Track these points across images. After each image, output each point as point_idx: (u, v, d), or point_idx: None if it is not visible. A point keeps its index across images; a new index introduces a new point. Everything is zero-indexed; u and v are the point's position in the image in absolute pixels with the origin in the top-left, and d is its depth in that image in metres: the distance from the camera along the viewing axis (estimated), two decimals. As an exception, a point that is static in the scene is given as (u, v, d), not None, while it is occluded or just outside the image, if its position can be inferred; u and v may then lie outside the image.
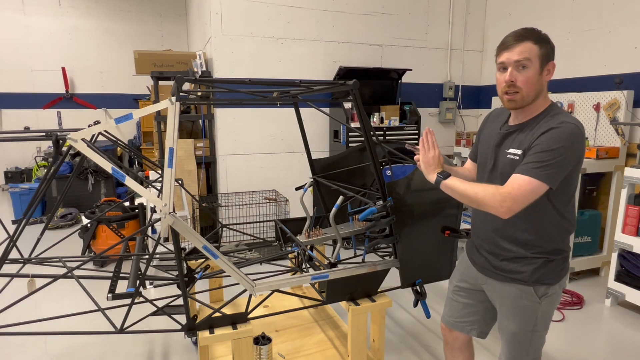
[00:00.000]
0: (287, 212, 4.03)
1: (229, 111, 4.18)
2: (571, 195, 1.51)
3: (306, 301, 2.15)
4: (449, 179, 1.52)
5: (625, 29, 3.60)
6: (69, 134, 1.66)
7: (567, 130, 1.36)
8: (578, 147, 1.39)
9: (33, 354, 2.57)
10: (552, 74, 1.46)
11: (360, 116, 1.88)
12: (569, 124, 1.37)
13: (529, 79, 1.41)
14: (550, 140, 1.35)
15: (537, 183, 1.35)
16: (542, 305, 1.54)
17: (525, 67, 1.41)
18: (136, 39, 7.71)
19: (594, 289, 3.48)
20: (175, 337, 2.74)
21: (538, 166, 1.35)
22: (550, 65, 1.44)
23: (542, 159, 1.35)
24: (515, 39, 1.43)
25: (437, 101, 5.09)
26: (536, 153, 1.37)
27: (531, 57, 1.40)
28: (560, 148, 1.34)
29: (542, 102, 1.48)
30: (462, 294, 1.80)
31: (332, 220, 2.00)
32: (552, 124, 1.39)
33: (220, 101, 3.47)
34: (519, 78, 1.42)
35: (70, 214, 5.32)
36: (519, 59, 1.41)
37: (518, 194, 1.35)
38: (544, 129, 1.39)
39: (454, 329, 1.85)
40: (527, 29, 1.43)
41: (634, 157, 3.53)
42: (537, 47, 1.40)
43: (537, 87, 1.43)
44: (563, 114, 1.44)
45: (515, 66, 1.42)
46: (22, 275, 1.97)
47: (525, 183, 1.35)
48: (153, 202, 1.61)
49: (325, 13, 4.37)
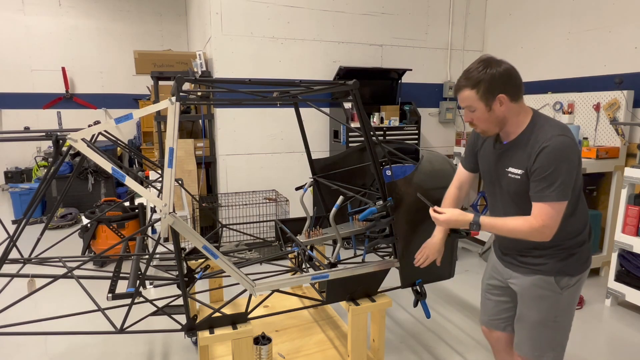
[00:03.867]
0: (287, 212, 4.03)
1: (229, 111, 4.18)
2: (577, 192, 1.57)
3: (306, 301, 2.15)
4: (483, 222, 1.56)
5: (625, 29, 3.61)
6: (69, 134, 1.66)
7: (560, 146, 1.43)
8: (574, 156, 1.46)
9: (33, 354, 2.57)
10: (506, 103, 1.49)
11: (360, 116, 1.88)
12: (557, 138, 1.43)
13: (480, 118, 1.54)
14: (550, 161, 1.43)
15: (558, 204, 1.45)
16: (563, 296, 1.60)
17: (473, 110, 1.53)
18: (136, 39, 7.71)
19: (594, 289, 3.48)
20: (175, 337, 2.74)
21: (552, 189, 1.43)
22: (500, 98, 1.49)
23: (551, 180, 1.43)
24: (455, 90, 1.58)
25: (437, 101, 5.09)
26: (543, 177, 1.45)
27: (472, 103, 1.52)
28: (561, 164, 1.42)
29: (522, 118, 1.54)
30: (494, 291, 1.86)
31: (332, 220, 2.00)
32: (543, 140, 1.45)
33: (220, 101, 3.47)
34: (473, 118, 1.56)
35: (70, 214, 5.32)
36: (464, 106, 1.56)
37: (550, 222, 1.46)
38: (537, 148, 1.46)
39: (492, 328, 1.90)
40: (466, 75, 1.52)
41: (634, 157, 3.53)
42: (474, 92, 1.50)
43: (493, 120, 1.53)
44: (547, 125, 1.49)
45: (466, 110, 1.57)
46: (22, 275, 1.97)
47: (550, 209, 1.45)
48: (153, 202, 1.61)
49: (325, 13, 4.37)
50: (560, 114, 4.01)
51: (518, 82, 1.51)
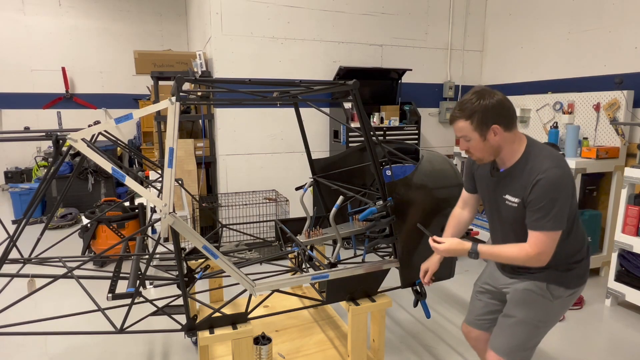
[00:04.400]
0: (287, 212, 4.03)
1: (229, 111, 4.18)
2: (573, 216, 1.60)
3: (306, 301, 2.15)
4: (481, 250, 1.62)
5: (625, 29, 3.60)
6: (69, 134, 1.66)
7: (554, 178, 1.47)
8: (568, 186, 1.50)
9: (33, 354, 2.57)
10: (500, 133, 1.54)
11: (360, 116, 1.88)
12: (551, 170, 1.47)
13: (475, 147, 1.59)
14: (545, 193, 1.48)
15: (553, 233, 1.50)
16: (553, 304, 1.63)
17: (469, 140, 1.58)
18: (136, 39, 7.71)
19: (594, 289, 3.47)
20: (175, 337, 2.74)
21: (547, 219, 1.48)
22: (494, 128, 1.53)
23: (546, 211, 1.48)
24: (450, 120, 1.63)
25: (437, 101, 5.09)
26: (538, 208, 1.49)
27: (467, 133, 1.57)
28: (555, 196, 1.47)
29: (516, 147, 1.58)
30: (486, 294, 1.90)
31: (332, 220, 2.00)
32: (538, 172, 1.49)
33: (220, 101, 3.46)
34: (469, 147, 1.61)
35: (70, 214, 5.32)
36: (459, 136, 1.61)
37: (546, 249, 1.51)
38: (533, 180, 1.50)
39: (474, 327, 1.93)
40: (460, 106, 1.56)
41: (634, 157, 3.53)
42: (469, 123, 1.54)
43: (488, 149, 1.58)
44: (542, 155, 1.53)
45: (461, 139, 1.61)
46: (22, 275, 1.97)
47: (545, 238, 1.50)
48: (153, 202, 1.61)
49: (325, 13, 4.37)
50: (560, 114, 4.01)
51: (511, 112, 1.56)
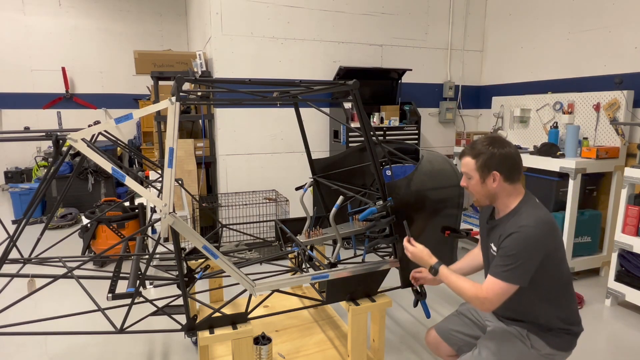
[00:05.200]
0: (287, 212, 4.03)
1: (229, 111, 4.18)
2: (561, 284, 1.60)
3: (306, 301, 2.15)
4: (442, 270, 1.67)
5: (625, 29, 3.60)
6: (69, 134, 1.66)
7: (523, 236, 1.49)
8: (537, 248, 1.49)
9: (33, 354, 2.57)
10: (499, 182, 1.58)
11: (360, 116, 1.88)
12: (526, 228, 1.49)
13: (474, 187, 1.64)
14: (511, 245, 1.50)
15: (506, 285, 1.50)
16: (530, 351, 1.62)
17: (470, 178, 1.64)
18: (136, 39, 7.71)
19: (594, 289, 3.48)
20: (175, 337, 2.74)
21: (505, 269, 1.50)
22: (494, 175, 1.58)
23: (506, 262, 1.50)
24: (460, 155, 1.69)
25: (437, 101, 5.09)
26: (501, 256, 1.53)
27: (469, 171, 1.63)
28: (519, 253, 1.48)
29: (511, 200, 1.62)
30: (467, 319, 1.91)
31: (332, 220, 2.00)
32: (515, 227, 1.52)
33: (220, 101, 3.47)
34: (468, 185, 1.66)
35: (70, 214, 5.32)
36: (463, 171, 1.66)
37: (493, 298, 1.51)
38: (508, 232, 1.53)
39: (444, 340, 1.91)
40: (472, 145, 1.63)
41: (634, 157, 3.53)
42: (474, 162, 1.60)
43: (484, 193, 1.63)
44: (526, 213, 1.55)
45: (464, 176, 1.67)
46: (22, 275, 1.97)
47: (497, 287, 1.51)
48: (153, 202, 1.61)
49: (325, 13, 4.37)
50: (560, 114, 4.01)
51: (516, 166, 1.59)
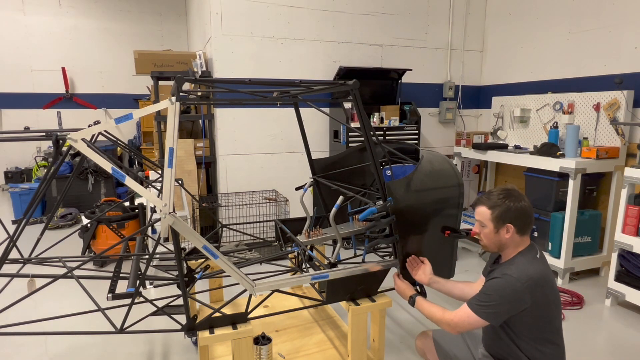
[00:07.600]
0: (287, 212, 4.03)
1: (229, 111, 4.18)
2: (543, 337, 1.61)
3: (306, 301, 2.15)
4: (418, 301, 1.84)
5: (625, 29, 3.60)
6: (69, 134, 1.66)
7: (502, 284, 1.56)
8: (511, 298, 1.55)
9: (33, 354, 2.57)
10: (511, 234, 1.64)
11: (360, 116, 1.88)
12: (508, 278, 1.56)
13: (487, 235, 1.70)
14: (490, 287, 1.60)
15: (475, 318, 1.59)
16: None
17: (484, 226, 1.70)
18: (136, 39, 7.71)
19: (594, 289, 3.48)
20: (175, 337, 2.74)
21: (477, 302, 1.60)
22: (508, 227, 1.63)
23: (481, 299, 1.60)
24: (474, 203, 1.77)
25: (437, 101, 5.09)
26: (480, 292, 1.62)
27: (484, 220, 1.69)
28: (493, 295, 1.57)
29: (511, 251, 1.69)
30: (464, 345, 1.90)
31: (332, 220, 2.00)
32: (500, 273, 1.61)
33: (220, 101, 3.47)
34: (481, 232, 1.72)
35: (70, 214, 5.32)
36: (477, 219, 1.73)
37: (459, 323, 1.63)
38: (494, 275, 1.63)
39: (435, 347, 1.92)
40: (488, 194, 1.70)
41: (634, 157, 3.53)
42: (490, 212, 1.66)
43: (496, 242, 1.69)
44: (515, 266, 1.61)
45: (478, 223, 1.73)
46: (22, 275, 1.97)
47: (466, 315, 1.62)
48: (153, 202, 1.61)
49: (325, 13, 4.37)
50: (560, 114, 4.01)
51: (529, 220, 1.66)
